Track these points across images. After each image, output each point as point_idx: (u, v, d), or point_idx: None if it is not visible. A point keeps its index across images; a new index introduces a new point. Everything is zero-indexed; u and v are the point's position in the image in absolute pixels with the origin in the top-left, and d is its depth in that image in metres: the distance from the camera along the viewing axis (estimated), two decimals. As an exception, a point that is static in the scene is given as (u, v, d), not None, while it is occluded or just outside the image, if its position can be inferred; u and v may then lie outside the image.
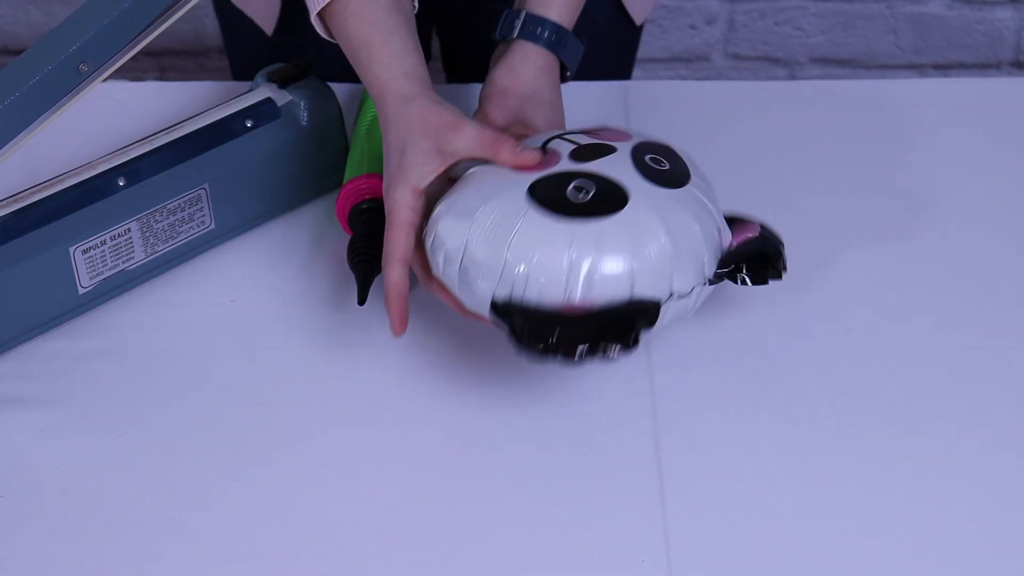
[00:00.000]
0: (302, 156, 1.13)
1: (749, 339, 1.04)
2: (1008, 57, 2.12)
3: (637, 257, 0.92)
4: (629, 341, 0.90)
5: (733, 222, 1.00)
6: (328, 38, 1.03)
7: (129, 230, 1.05)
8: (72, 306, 1.05)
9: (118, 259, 1.05)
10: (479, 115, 1.06)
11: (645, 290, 0.92)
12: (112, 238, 1.04)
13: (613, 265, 0.91)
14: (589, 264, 0.91)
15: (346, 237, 1.11)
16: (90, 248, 1.03)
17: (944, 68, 2.13)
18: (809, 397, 1.00)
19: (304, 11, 1.02)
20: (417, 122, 0.97)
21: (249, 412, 0.99)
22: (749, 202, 1.06)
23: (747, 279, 0.96)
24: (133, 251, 1.06)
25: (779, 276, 0.98)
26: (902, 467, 0.95)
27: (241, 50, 1.35)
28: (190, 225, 1.08)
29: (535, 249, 0.92)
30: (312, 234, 1.13)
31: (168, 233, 1.07)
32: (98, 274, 1.05)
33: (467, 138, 0.96)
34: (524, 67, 1.07)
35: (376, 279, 1.05)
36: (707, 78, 2.12)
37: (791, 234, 1.05)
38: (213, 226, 1.10)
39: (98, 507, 0.93)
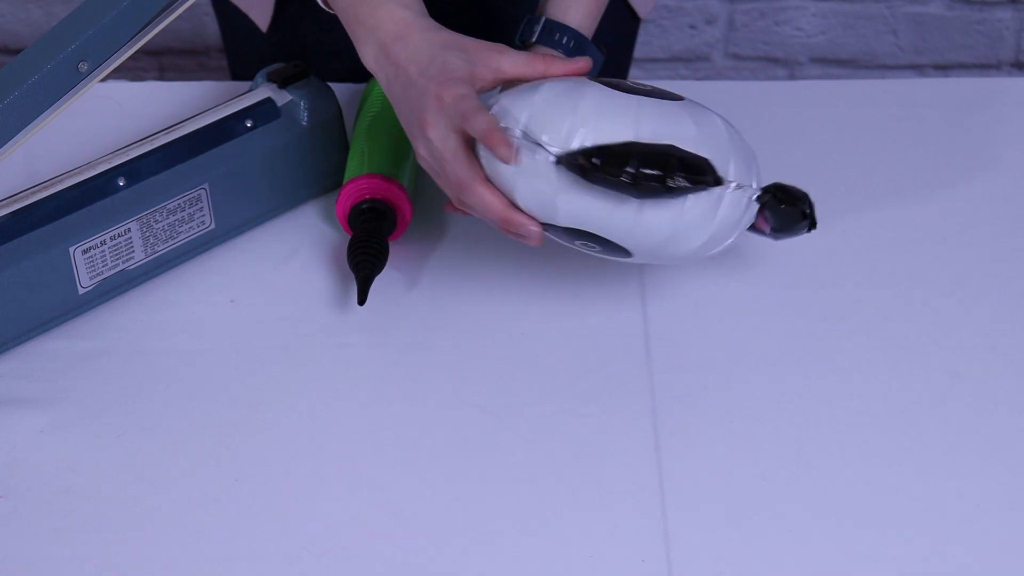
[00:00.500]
0: (302, 156, 1.13)
1: (749, 339, 1.04)
2: (1008, 57, 2.12)
3: (699, 131, 0.94)
4: (704, 180, 0.93)
5: None
6: (325, 7, 1.02)
7: (129, 230, 1.05)
8: (72, 306, 1.05)
9: (118, 259, 1.05)
10: None
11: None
12: (112, 238, 1.04)
13: (679, 133, 0.93)
14: (653, 129, 0.93)
15: (346, 237, 1.11)
16: (90, 248, 1.03)
17: (944, 68, 2.13)
18: (809, 397, 1.00)
19: (301, 6, 1.02)
20: (454, 41, 0.97)
21: (249, 412, 0.99)
22: (749, 202, 1.06)
23: (785, 206, 0.98)
24: (133, 251, 1.06)
25: (814, 224, 0.99)
26: (902, 467, 0.95)
27: (240, 49, 1.35)
28: (190, 225, 1.08)
29: (603, 112, 0.93)
30: (312, 234, 1.13)
31: (168, 233, 1.07)
32: (98, 274, 1.05)
33: (514, 57, 0.96)
34: None
35: (377, 279, 1.05)
36: (707, 78, 2.12)
37: (791, 234, 1.06)
38: (213, 226, 1.10)
39: (98, 507, 0.93)
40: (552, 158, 0.93)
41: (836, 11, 2.08)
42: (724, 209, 0.95)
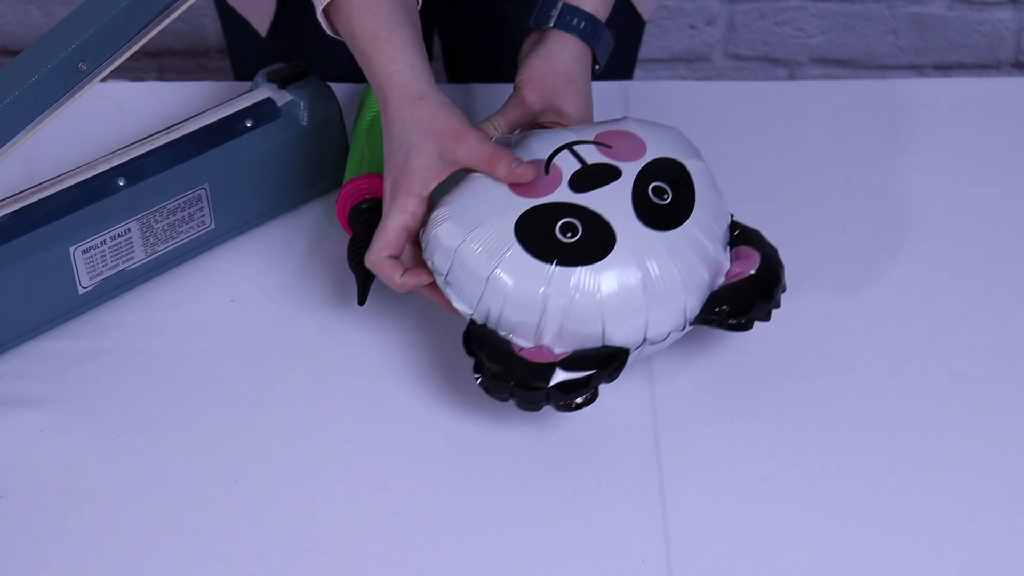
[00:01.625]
0: (302, 156, 1.13)
1: (749, 339, 1.04)
2: (1008, 57, 2.12)
3: (609, 307, 0.93)
4: (588, 395, 0.93)
5: (738, 242, 1.00)
6: (333, 35, 1.03)
7: (129, 230, 1.05)
8: (72, 306, 1.05)
9: (118, 259, 1.05)
10: (515, 100, 1.06)
11: (615, 338, 0.94)
12: (112, 238, 1.04)
13: (584, 314, 0.93)
14: (561, 312, 0.93)
15: (346, 237, 1.11)
16: (90, 248, 1.03)
17: (944, 68, 2.13)
18: (809, 397, 1.00)
19: (302, 10, 1.02)
20: (423, 125, 0.98)
21: (249, 412, 0.99)
22: (749, 202, 1.06)
23: (729, 325, 0.97)
24: (133, 251, 1.06)
25: (766, 317, 0.98)
26: (902, 467, 0.95)
27: (242, 50, 1.35)
28: (190, 225, 1.08)
29: (513, 287, 0.93)
30: (312, 234, 1.13)
31: (168, 233, 1.07)
32: (98, 274, 1.05)
33: (469, 149, 0.97)
34: (561, 55, 1.07)
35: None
36: (707, 78, 2.12)
37: (791, 234, 1.06)
38: (213, 226, 1.10)
39: (98, 507, 0.93)
40: (467, 319, 0.96)
41: (836, 11, 2.07)
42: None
